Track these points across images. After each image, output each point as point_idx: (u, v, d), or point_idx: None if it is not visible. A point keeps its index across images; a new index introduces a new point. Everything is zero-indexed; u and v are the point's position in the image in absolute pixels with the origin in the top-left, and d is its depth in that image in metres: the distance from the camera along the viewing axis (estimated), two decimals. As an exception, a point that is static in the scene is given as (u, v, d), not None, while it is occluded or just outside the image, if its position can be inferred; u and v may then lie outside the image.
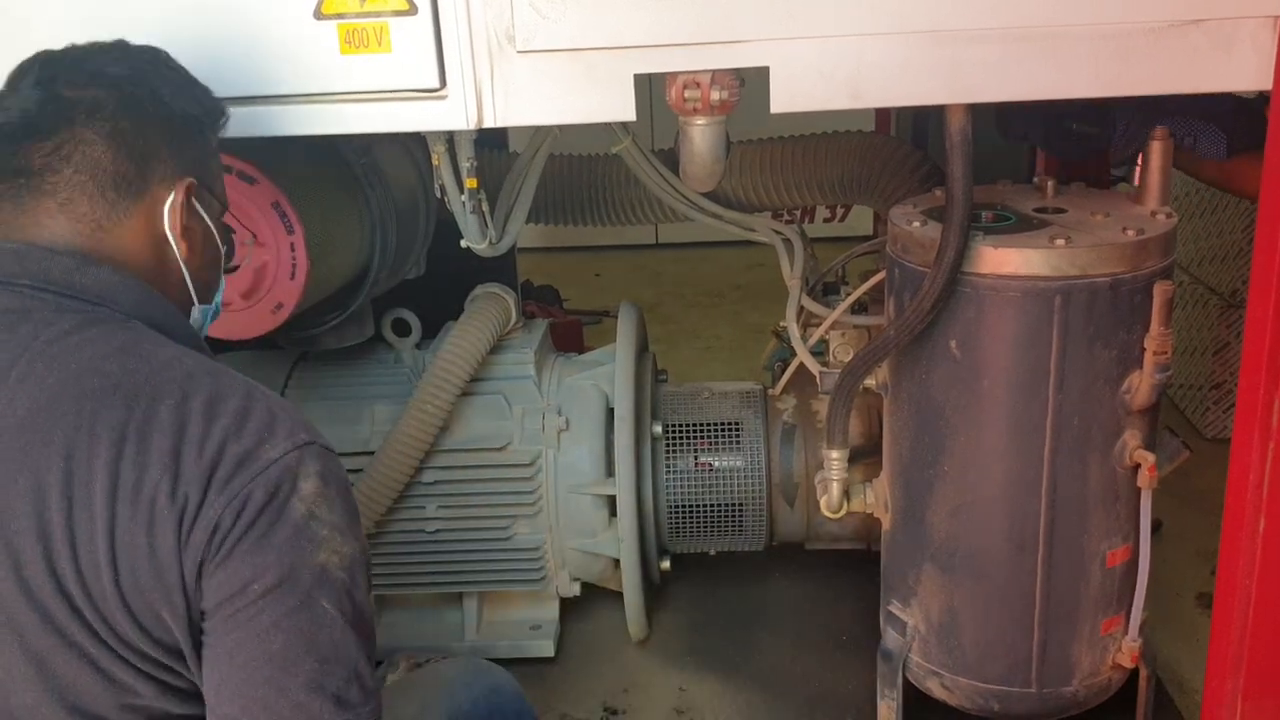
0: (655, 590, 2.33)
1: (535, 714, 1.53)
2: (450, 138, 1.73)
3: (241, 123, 1.44)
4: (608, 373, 2.16)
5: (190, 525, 1.03)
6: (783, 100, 1.38)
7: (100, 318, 1.11)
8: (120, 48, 1.21)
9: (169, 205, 1.18)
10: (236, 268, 1.61)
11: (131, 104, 1.16)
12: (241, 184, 1.64)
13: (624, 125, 2.05)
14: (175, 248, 1.20)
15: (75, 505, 1.02)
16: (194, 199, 1.21)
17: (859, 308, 1.93)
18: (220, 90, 1.42)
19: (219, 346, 2.11)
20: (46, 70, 1.15)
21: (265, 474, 1.05)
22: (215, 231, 1.27)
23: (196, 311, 1.26)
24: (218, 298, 1.32)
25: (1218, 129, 1.76)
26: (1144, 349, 1.54)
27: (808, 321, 2.02)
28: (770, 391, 2.23)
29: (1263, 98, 1.40)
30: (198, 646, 1.07)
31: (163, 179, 1.18)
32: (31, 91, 1.14)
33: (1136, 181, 1.69)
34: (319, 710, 1.05)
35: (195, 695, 1.09)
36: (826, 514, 1.86)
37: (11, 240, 1.13)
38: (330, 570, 1.07)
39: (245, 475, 1.04)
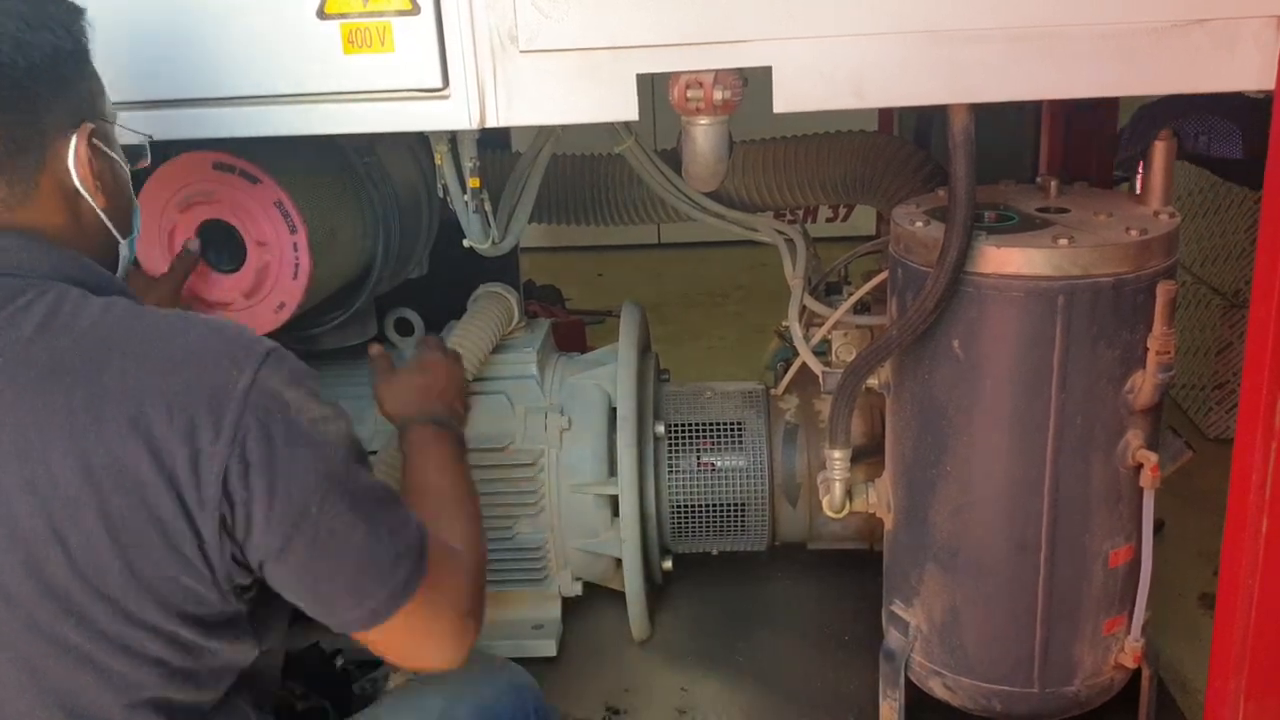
0: (657, 590, 2.33)
1: (558, 712, 1.53)
2: (453, 137, 1.73)
3: (245, 122, 1.45)
4: (610, 372, 2.16)
5: (193, 485, 1.01)
6: (785, 100, 1.38)
7: (16, 290, 1.04)
8: None
9: (72, 159, 1.10)
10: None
11: None
12: (244, 183, 1.64)
13: (627, 125, 2.05)
14: (91, 199, 1.13)
15: (52, 504, 0.99)
16: (94, 140, 1.13)
17: (861, 307, 1.93)
18: (223, 90, 1.43)
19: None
20: None
21: (248, 405, 1.03)
22: (118, 158, 1.19)
23: (123, 246, 1.20)
24: (136, 221, 1.25)
25: (1234, 126, 1.74)
26: (1147, 349, 1.54)
27: (810, 321, 2.02)
28: (773, 391, 2.23)
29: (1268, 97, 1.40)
30: (239, 590, 1.09)
31: (57, 133, 1.09)
32: None
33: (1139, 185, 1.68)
34: (408, 549, 1.15)
35: (199, 674, 1.10)
36: (829, 514, 1.86)
37: None
38: (350, 450, 1.13)
39: (230, 415, 1.02)
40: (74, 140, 1.11)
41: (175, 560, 1.03)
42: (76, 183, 1.11)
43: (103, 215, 1.15)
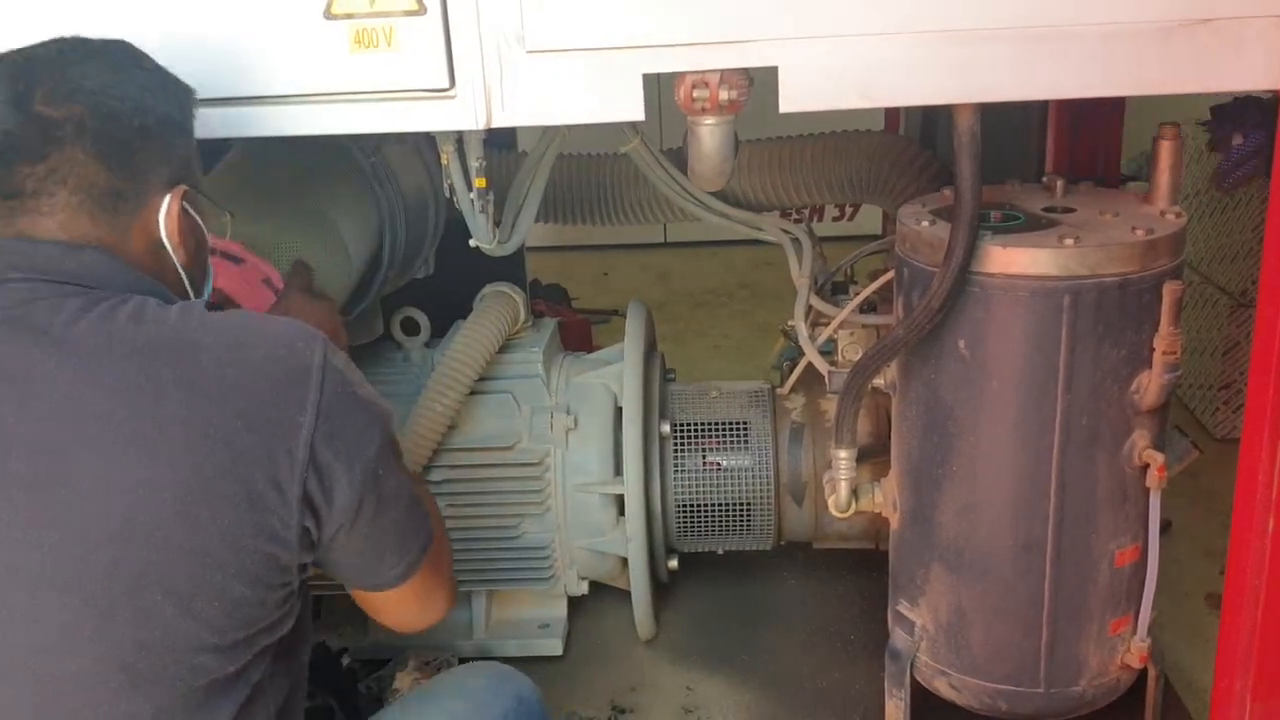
0: (663, 589, 2.33)
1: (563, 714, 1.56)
2: (459, 137, 1.73)
3: (251, 123, 1.45)
4: (616, 372, 2.16)
5: (284, 453, 1.10)
6: (791, 100, 1.38)
7: (101, 297, 1.12)
8: (84, 48, 1.18)
9: (164, 214, 1.20)
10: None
11: (116, 118, 1.14)
12: (228, 265, 1.62)
13: (633, 125, 2.05)
14: (173, 254, 1.21)
15: (150, 464, 1.06)
16: (185, 203, 1.22)
17: (867, 307, 1.92)
18: (230, 90, 1.43)
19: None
20: (17, 85, 1.12)
21: (326, 379, 1.14)
22: (201, 225, 1.28)
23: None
24: (208, 286, 1.34)
25: None
26: (1153, 349, 1.54)
27: (816, 320, 2.02)
28: (778, 391, 2.23)
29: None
30: (308, 545, 1.16)
31: (156, 189, 1.19)
32: (7, 111, 1.11)
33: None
34: (422, 502, 1.30)
35: (250, 643, 1.16)
36: (834, 513, 1.86)
37: None
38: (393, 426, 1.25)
39: (313, 390, 1.12)
40: (168, 199, 1.20)
41: (259, 526, 1.10)
42: (164, 236, 1.20)
43: (182, 272, 1.24)
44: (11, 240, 1.12)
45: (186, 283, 1.25)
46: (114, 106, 1.14)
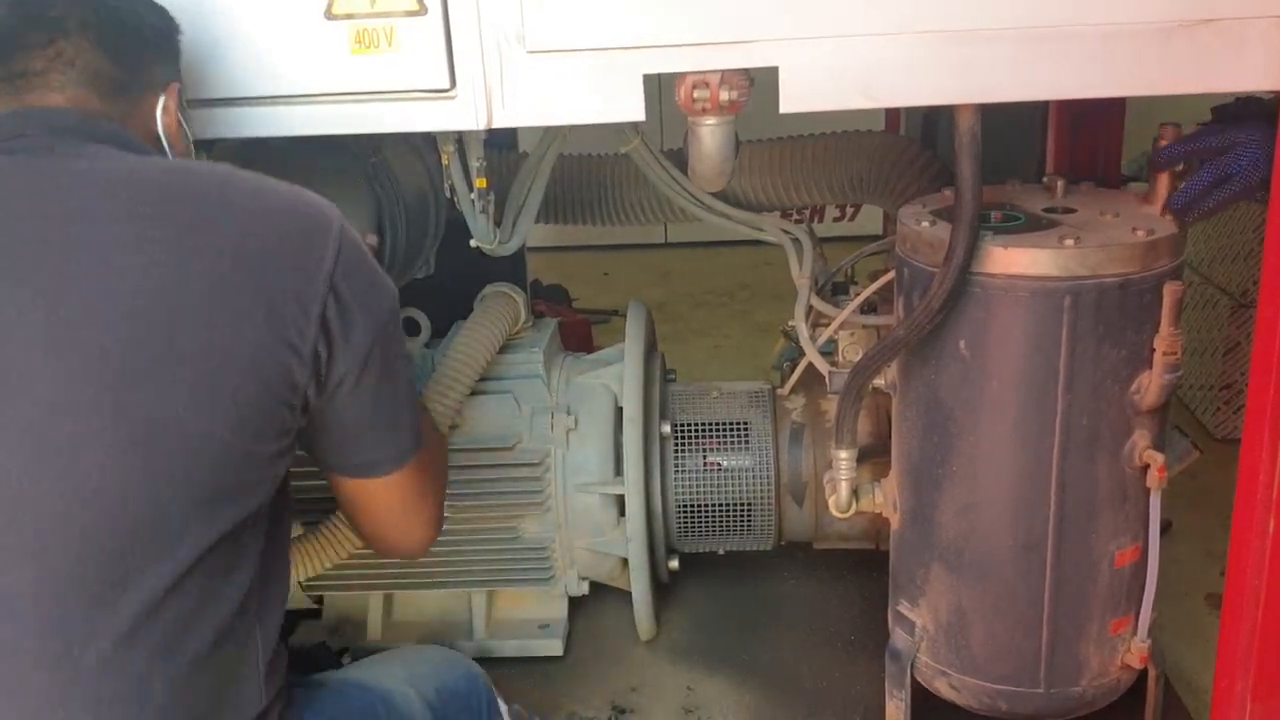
0: (663, 589, 2.33)
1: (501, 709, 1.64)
2: (460, 138, 1.73)
3: (252, 123, 1.45)
4: (616, 372, 2.16)
5: (306, 276, 1.16)
6: (792, 100, 1.38)
7: (123, 148, 1.20)
8: None
9: (161, 109, 1.28)
10: None
11: (116, 16, 1.24)
12: None
13: (633, 125, 2.05)
14: (169, 148, 1.30)
15: (178, 265, 1.11)
16: (178, 101, 1.31)
17: (868, 307, 1.92)
18: (231, 90, 1.44)
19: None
20: None
21: (344, 239, 1.21)
22: (187, 128, 1.35)
23: None
24: None
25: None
26: (1153, 349, 1.54)
27: (816, 321, 2.02)
28: (779, 391, 2.23)
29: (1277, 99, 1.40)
30: (317, 377, 1.20)
31: (150, 84, 1.28)
32: (14, 4, 1.19)
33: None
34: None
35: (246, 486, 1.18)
36: (835, 514, 1.86)
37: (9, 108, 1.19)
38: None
39: (333, 242, 1.19)
40: (164, 97, 1.29)
41: (277, 335, 1.15)
42: (161, 131, 1.28)
43: None
44: (23, 110, 1.18)
45: None
46: (115, 6, 1.24)
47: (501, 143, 2.17)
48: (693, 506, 2.17)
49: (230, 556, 1.17)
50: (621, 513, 2.11)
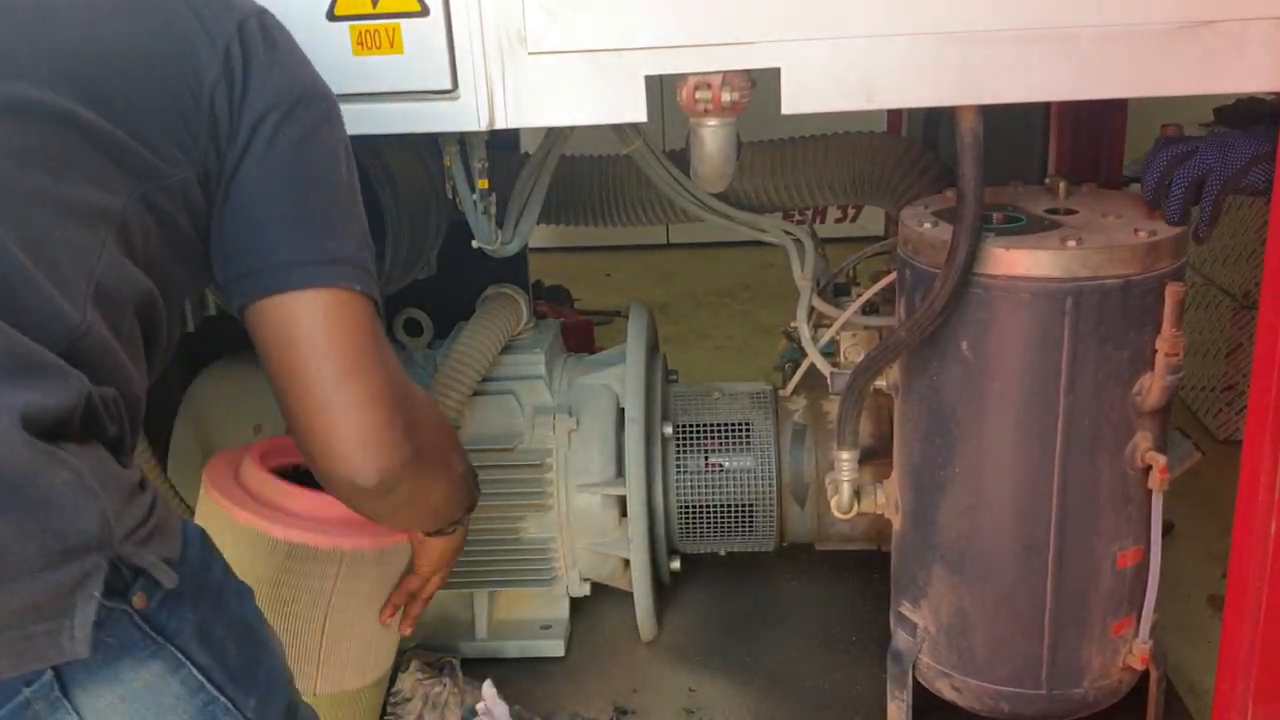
0: (665, 590, 2.34)
1: None
2: (462, 139, 1.73)
3: (255, 123, 1.45)
4: (618, 373, 2.17)
5: (222, 9, 1.15)
6: (794, 101, 1.38)
7: None
8: None
9: None
10: None
11: None
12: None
13: (635, 126, 2.06)
14: None
15: (98, 43, 1.10)
16: None
17: (870, 308, 1.92)
18: (234, 91, 1.43)
19: (221, 350, 2.13)
20: None
21: (251, 10, 1.18)
22: None
23: None
24: None
25: None
26: (1155, 350, 1.54)
27: (818, 322, 2.02)
28: (781, 392, 2.23)
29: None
30: (226, 106, 1.15)
31: None
32: None
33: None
34: (365, 253, 1.22)
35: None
36: (837, 515, 1.86)
37: None
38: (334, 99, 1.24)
39: (236, 9, 1.17)
40: None
41: (183, 48, 1.13)
42: None
43: None
44: None
45: None
46: None
47: (503, 143, 2.17)
48: (694, 507, 2.17)
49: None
50: (623, 513, 2.11)
